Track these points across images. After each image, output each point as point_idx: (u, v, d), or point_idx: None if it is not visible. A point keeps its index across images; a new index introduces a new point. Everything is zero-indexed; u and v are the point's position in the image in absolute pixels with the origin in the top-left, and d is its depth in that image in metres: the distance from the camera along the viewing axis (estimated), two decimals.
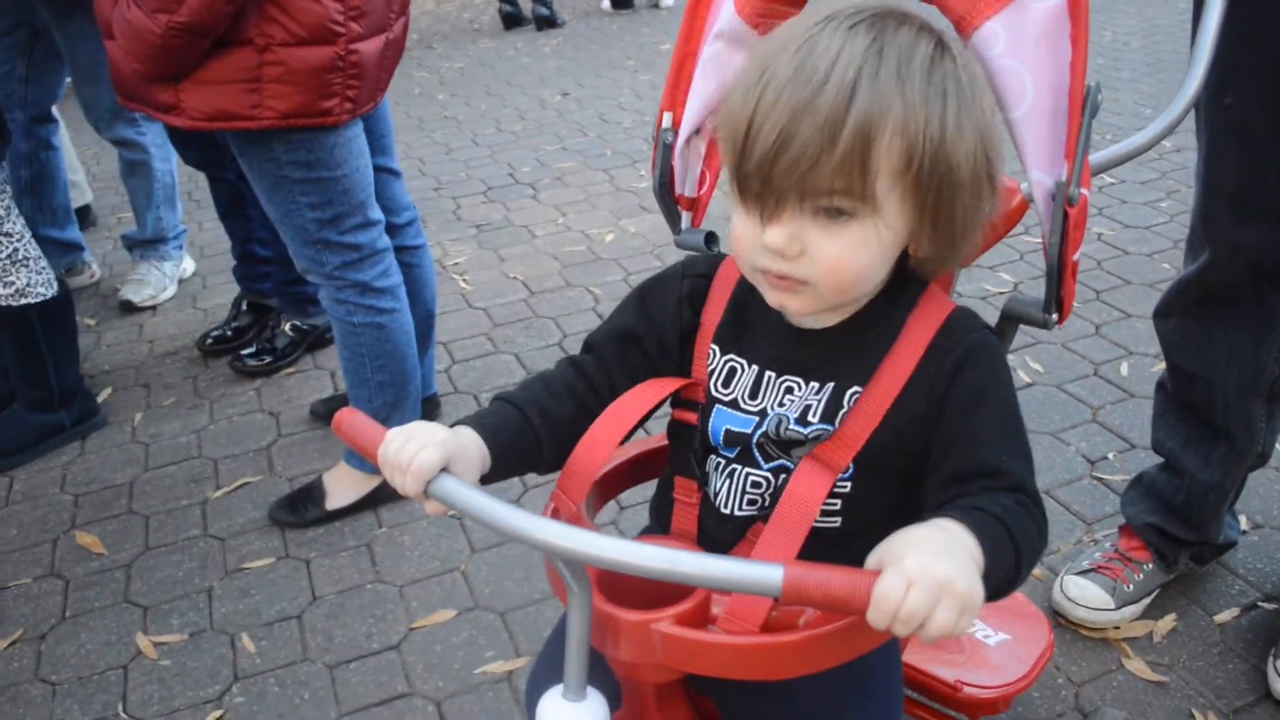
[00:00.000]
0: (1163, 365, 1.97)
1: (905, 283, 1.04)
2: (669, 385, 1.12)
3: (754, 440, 1.07)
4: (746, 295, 1.09)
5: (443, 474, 0.92)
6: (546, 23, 8.21)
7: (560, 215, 4.24)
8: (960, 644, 1.61)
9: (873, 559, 0.79)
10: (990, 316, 1.11)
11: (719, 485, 1.11)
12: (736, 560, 0.79)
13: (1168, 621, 1.97)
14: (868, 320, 1.03)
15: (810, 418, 1.04)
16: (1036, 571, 2.10)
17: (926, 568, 0.74)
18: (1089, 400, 2.68)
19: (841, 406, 1.02)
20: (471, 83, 6.68)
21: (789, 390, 1.06)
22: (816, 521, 0.99)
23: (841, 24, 0.91)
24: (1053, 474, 2.40)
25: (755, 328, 1.09)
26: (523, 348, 3.20)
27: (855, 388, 1.02)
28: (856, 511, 1.05)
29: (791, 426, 1.04)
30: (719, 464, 1.11)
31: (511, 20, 8.37)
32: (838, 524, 1.05)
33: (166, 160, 3.59)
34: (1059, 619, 1.98)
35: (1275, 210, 1.64)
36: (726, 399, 1.09)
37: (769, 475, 1.08)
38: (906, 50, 0.90)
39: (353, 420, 1.00)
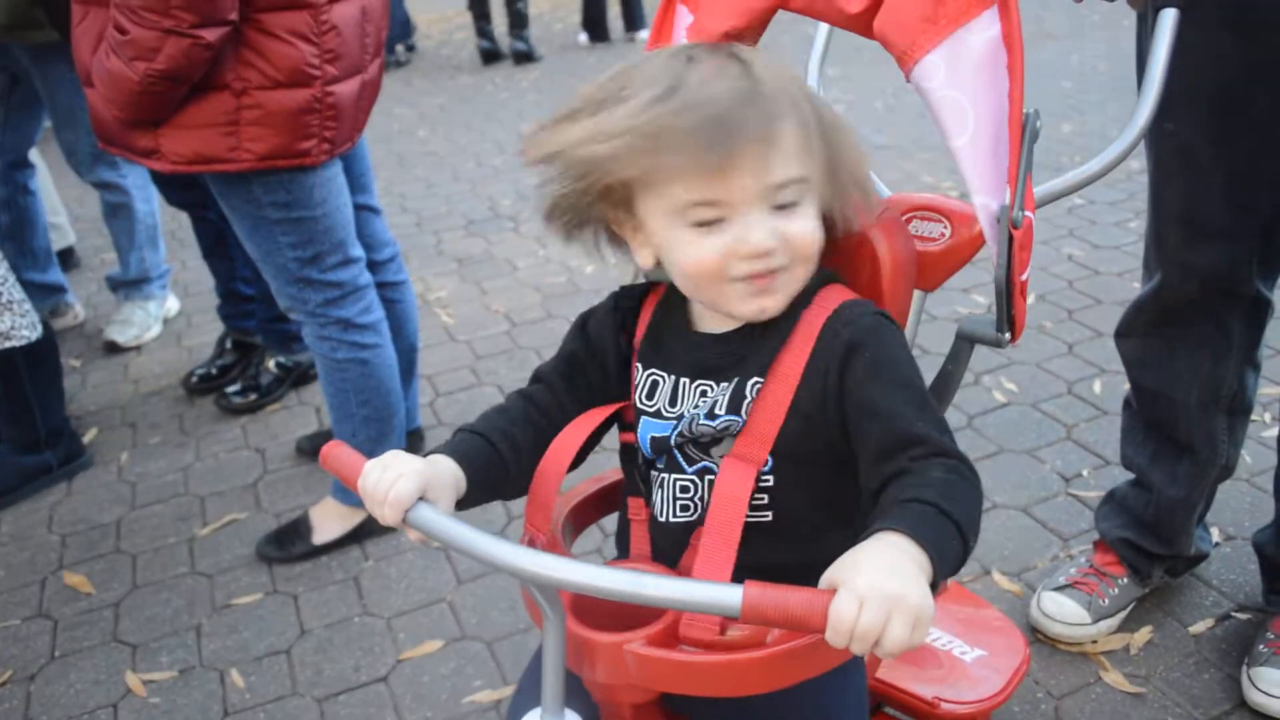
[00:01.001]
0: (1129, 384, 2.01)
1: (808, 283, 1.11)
2: (603, 412, 1.18)
3: (672, 442, 1.12)
4: (662, 313, 1.18)
5: (420, 503, 0.96)
6: (524, 58, 8.30)
7: (541, 248, 4.29)
8: (938, 660, 1.63)
9: (826, 579, 0.82)
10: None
11: (656, 496, 1.16)
12: (697, 582, 0.83)
13: (1144, 634, 2.00)
14: (770, 321, 1.09)
15: (717, 411, 1.09)
16: (1014, 588, 2.14)
17: (876, 586, 0.78)
18: (1063, 418, 2.73)
19: (745, 397, 1.08)
20: (451, 118, 6.74)
21: (703, 393, 1.11)
22: (748, 517, 1.04)
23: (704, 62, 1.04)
24: (1029, 491, 2.44)
25: (671, 341, 1.16)
26: (506, 379, 3.23)
27: (756, 378, 1.08)
28: (784, 503, 1.09)
29: (701, 422, 1.10)
30: (655, 475, 1.16)
31: (490, 56, 8.46)
32: (769, 518, 1.09)
33: (148, 201, 3.62)
34: (1037, 635, 2.02)
35: (1222, 230, 1.70)
36: (651, 410, 1.15)
37: (694, 478, 1.13)
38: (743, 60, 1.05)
39: (338, 453, 1.04)
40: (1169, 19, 1.32)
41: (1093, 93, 5.77)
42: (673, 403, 1.14)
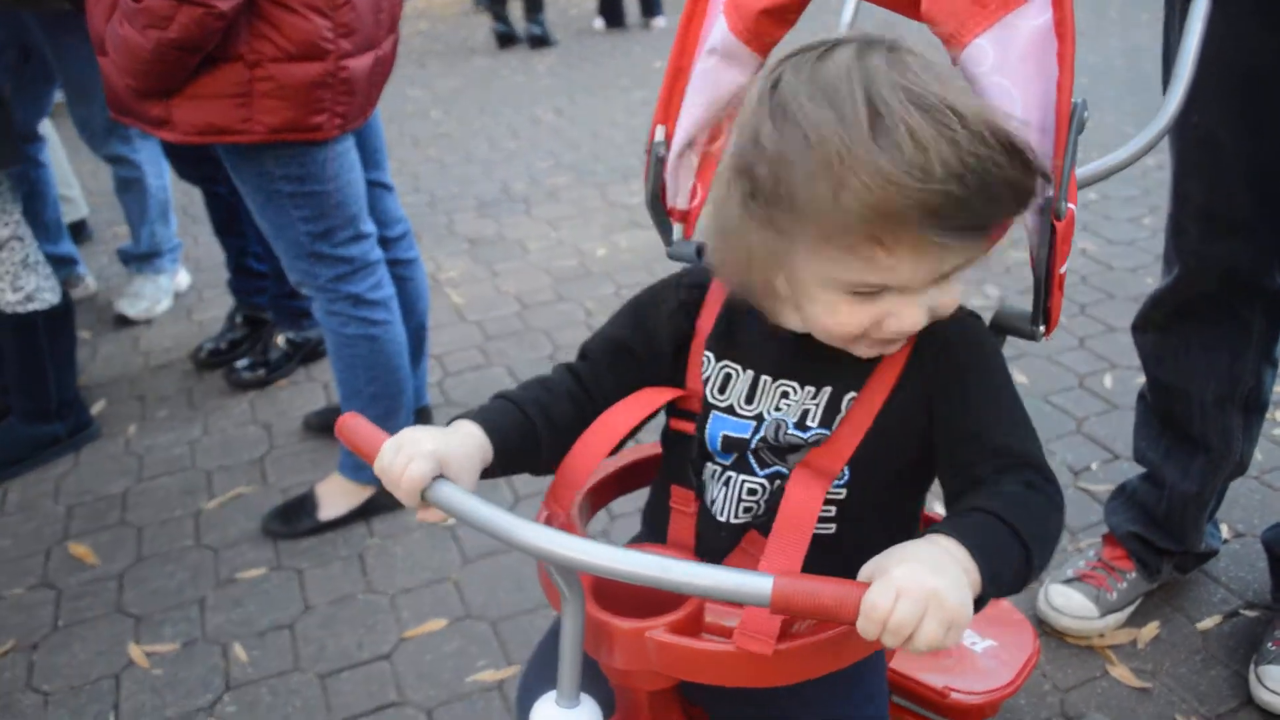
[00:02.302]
0: (1145, 378, 2.00)
1: None
2: (662, 396, 1.14)
3: (751, 446, 1.08)
4: (739, 302, 1.10)
5: (438, 481, 0.93)
6: (540, 42, 8.27)
7: (553, 230, 4.27)
8: (948, 650, 1.62)
9: (865, 571, 0.80)
10: None
11: (715, 493, 1.12)
12: (726, 570, 0.80)
13: (1151, 629, 1.99)
14: None
15: (809, 422, 1.05)
16: None
17: (916, 579, 0.76)
18: (1074, 412, 2.71)
19: (839, 411, 1.04)
20: (465, 101, 6.72)
21: (785, 395, 1.07)
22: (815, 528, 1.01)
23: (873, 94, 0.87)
24: None
25: (749, 333, 1.10)
26: (515, 360, 3.23)
27: (852, 392, 1.04)
28: (852, 517, 1.06)
29: (790, 431, 1.06)
30: (715, 471, 1.12)
31: (505, 39, 8.43)
32: (833, 530, 1.06)
33: (160, 176, 3.62)
34: (1044, 627, 2.01)
35: (1243, 224, 1.68)
36: (723, 405, 1.11)
37: (764, 482, 1.09)
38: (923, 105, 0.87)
39: (354, 425, 1.01)
40: (1201, 6, 1.30)
41: (1110, 88, 5.74)
42: (749, 400, 1.09)
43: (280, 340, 3.22)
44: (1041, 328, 1.17)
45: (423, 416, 2.79)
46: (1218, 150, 1.64)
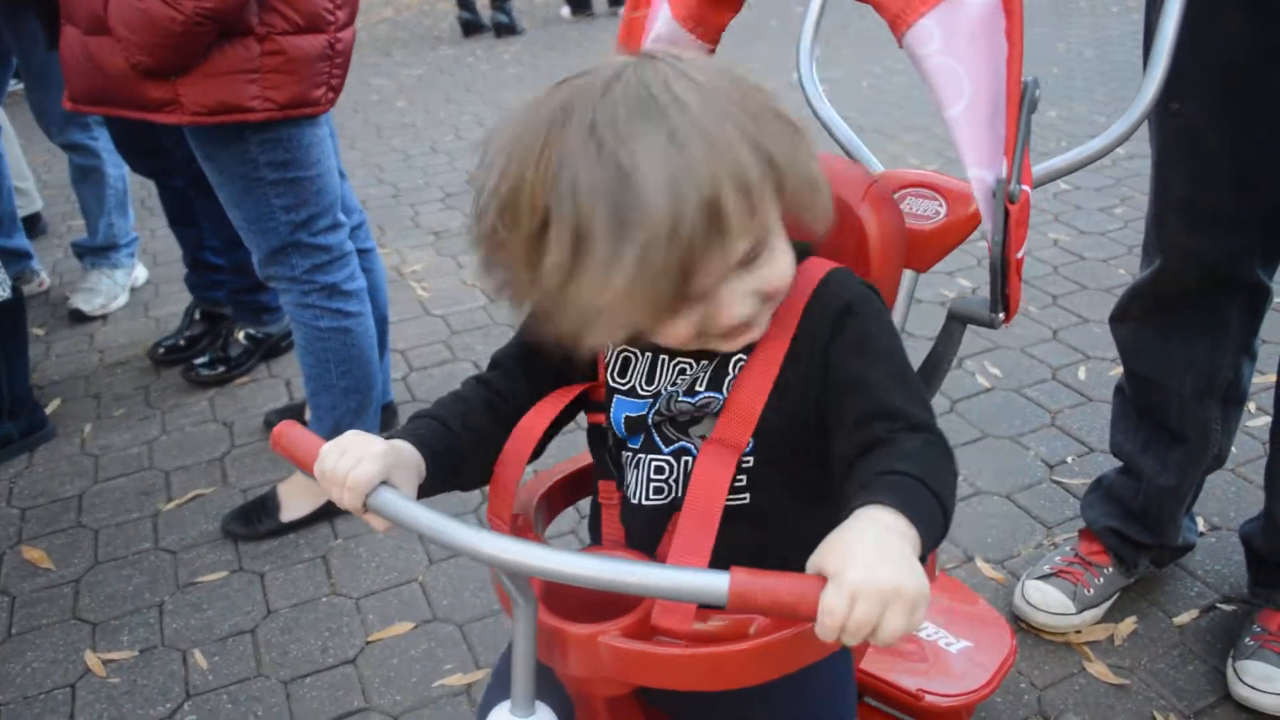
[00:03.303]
0: (1120, 369, 1.98)
1: None
2: (567, 394, 1.12)
3: (650, 421, 1.07)
4: None
5: (382, 487, 0.91)
6: (506, 30, 8.19)
7: None
8: (923, 652, 1.60)
9: (813, 563, 0.77)
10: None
11: (629, 478, 1.11)
12: (681, 569, 0.78)
13: (1128, 624, 1.97)
14: None
15: (697, 388, 1.04)
16: (998, 576, 2.11)
17: (869, 579, 0.73)
18: (1047, 404, 2.70)
19: (728, 374, 1.02)
20: (430, 90, 6.64)
21: (682, 370, 1.06)
22: (726, 500, 0.98)
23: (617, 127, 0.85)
24: (1013, 478, 2.41)
25: None
26: (481, 355, 3.17)
27: (740, 354, 1.02)
28: (763, 486, 1.04)
29: (680, 399, 1.04)
30: (628, 457, 1.11)
31: (471, 28, 8.34)
32: (746, 500, 1.04)
33: (119, 166, 3.53)
34: (1020, 624, 1.98)
35: (1225, 217, 1.66)
36: (624, 388, 1.09)
37: (670, 459, 1.07)
38: (671, 111, 0.85)
39: (291, 434, 0.97)
40: None
41: (1079, 79, 5.73)
42: (649, 380, 1.08)
43: (240, 336, 3.15)
44: (1001, 315, 1.15)
45: (387, 413, 2.73)
46: (1199, 142, 1.62)
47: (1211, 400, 1.83)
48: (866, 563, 0.74)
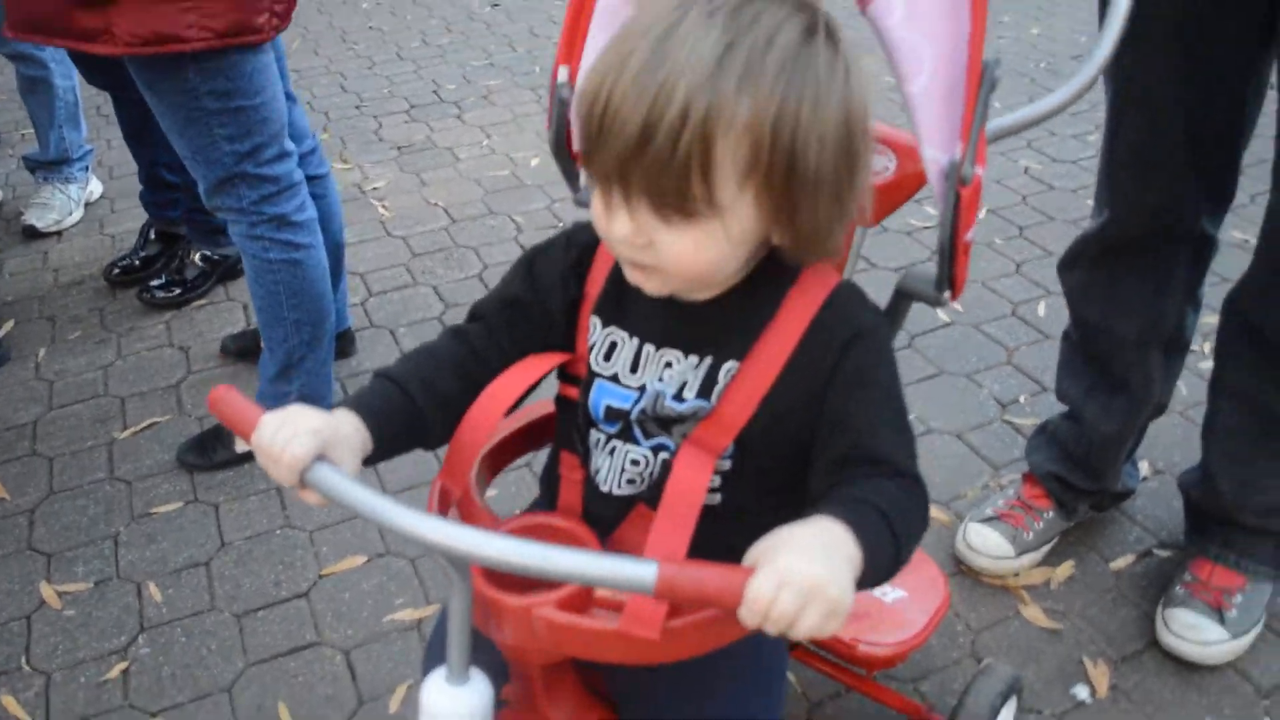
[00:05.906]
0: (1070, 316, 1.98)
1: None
2: (547, 362, 1.11)
3: (633, 417, 1.06)
4: None
5: (318, 462, 0.90)
6: None
7: (485, 137, 4.13)
8: (859, 602, 1.63)
9: (750, 556, 0.78)
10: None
11: (600, 462, 1.10)
12: (610, 557, 0.79)
13: (1065, 569, 2.01)
14: (747, 294, 1.02)
15: (686, 393, 1.03)
16: (944, 517, 2.14)
17: (800, 570, 0.74)
18: (1005, 341, 2.71)
19: (717, 382, 1.02)
20: None
21: (668, 364, 1.04)
22: None
23: (702, 10, 0.87)
24: (964, 417, 2.43)
25: (635, 299, 1.06)
26: (442, 279, 3.14)
27: (731, 362, 1.01)
28: (737, 490, 1.05)
29: (668, 403, 1.03)
30: (600, 440, 1.10)
31: None
32: (718, 500, 1.05)
33: (68, 76, 3.42)
34: (960, 567, 2.02)
35: (1174, 170, 1.66)
36: (608, 374, 1.08)
37: (648, 454, 1.07)
38: (763, 42, 0.85)
39: (229, 399, 0.96)
40: None
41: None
42: (634, 369, 1.06)
43: (196, 257, 3.09)
44: (947, 294, 1.14)
45: (344, 340, 2.71)
46: (1151, 97, 1.61)
47: (1154, 349, 1.85)
48: (800, 555, 0.75)
